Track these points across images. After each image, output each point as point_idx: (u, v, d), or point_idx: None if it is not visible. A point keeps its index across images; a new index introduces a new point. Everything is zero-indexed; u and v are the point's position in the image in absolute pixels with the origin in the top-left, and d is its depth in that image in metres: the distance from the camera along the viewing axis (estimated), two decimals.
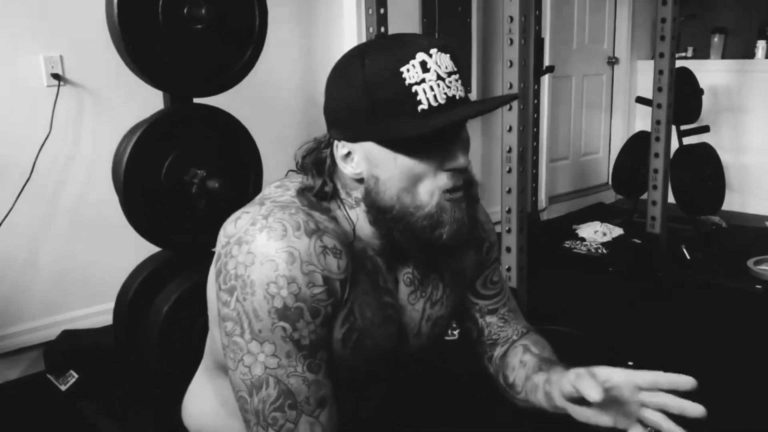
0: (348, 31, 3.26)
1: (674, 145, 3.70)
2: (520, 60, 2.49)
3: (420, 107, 0.88)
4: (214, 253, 0.95)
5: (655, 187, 3.53)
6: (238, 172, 2.07)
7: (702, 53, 4.90)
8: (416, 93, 0.88)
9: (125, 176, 1.86)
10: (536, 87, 3.96)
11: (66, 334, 2.46)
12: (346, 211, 0.98)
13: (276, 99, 3.08)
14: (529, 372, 1.10)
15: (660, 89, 3.45)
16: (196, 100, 2.02)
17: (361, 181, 0.95)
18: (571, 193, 4.83)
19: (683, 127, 3.91)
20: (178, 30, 1.86)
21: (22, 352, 2.46)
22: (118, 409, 2.12)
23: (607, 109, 5.07)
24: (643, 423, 0.94)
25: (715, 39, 4.80)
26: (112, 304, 2.09)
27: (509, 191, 2.58)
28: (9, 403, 2.30)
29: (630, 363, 2.35)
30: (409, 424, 1.22)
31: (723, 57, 4.79)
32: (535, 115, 4.03)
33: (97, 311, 2.55)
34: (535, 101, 3.99)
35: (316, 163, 0.99)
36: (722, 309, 2.94)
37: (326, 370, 0.92)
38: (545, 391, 1.03)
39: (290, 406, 0.88)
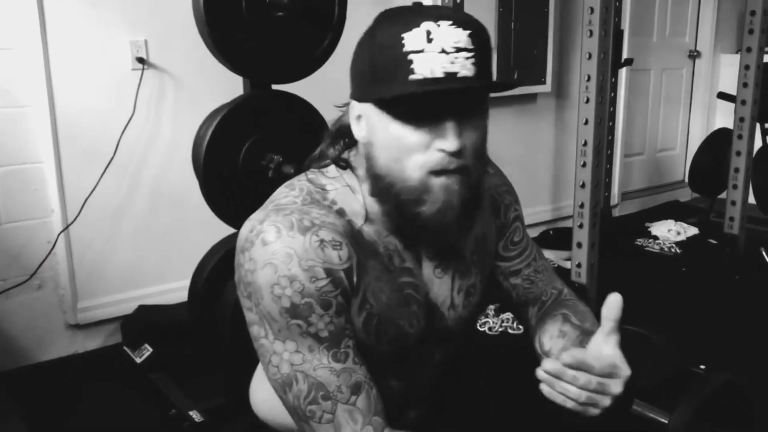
0: None
1: (757, 143, 3.55)
2: (600, 52, 2.44)
3: (412, 76, 0.85)
4: None
5: (735, 187, 3.40)
6: None
7: None
8: (411, 61, 0.84)
9: (205, 159, 1.91)
10: (613, 80, 3.86)
11: (142, 308, 2.55)
12: (360, 188, 0.97)
13: None
14: (568, 345, 1.06)
15: (745, 85, 3.32)
16: (274, 87, 2.06)
17: (366, 145, 0.95)
18: (645, 189, 4.70)
19: None
20: (260, 17, 1.90)
21: (101, 324, 2.57)
22: (189, 383, 2.20)
23: (686, 104, 4.90)
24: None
25: None
26: (187, 282, 2.16)
27: (583, 185, 2.53)
28: (88, 372, 2.42)
29: (702, 367, 2.29)
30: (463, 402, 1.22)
31: None
32: (611, 109, 3.93)
33: (172, 288, 2.63)
34: (612, 94, 3.89)
35: (339, 130, 1.00)
36: None
37: (356, 356, 0.92)
38: None
39: (323, 397, 0.89)
